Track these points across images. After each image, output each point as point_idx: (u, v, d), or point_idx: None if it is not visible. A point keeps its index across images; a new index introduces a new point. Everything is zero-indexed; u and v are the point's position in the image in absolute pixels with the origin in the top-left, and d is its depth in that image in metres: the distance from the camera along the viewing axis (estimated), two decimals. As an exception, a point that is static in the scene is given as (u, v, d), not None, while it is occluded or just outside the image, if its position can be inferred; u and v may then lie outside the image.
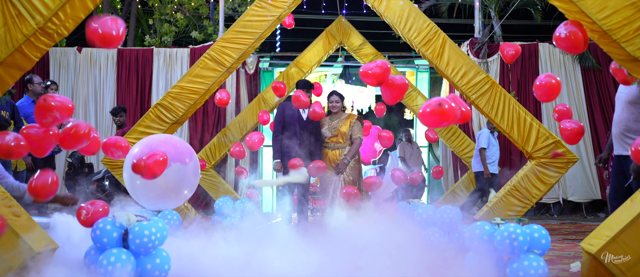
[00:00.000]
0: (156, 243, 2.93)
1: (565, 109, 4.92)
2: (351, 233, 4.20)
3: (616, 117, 4.21)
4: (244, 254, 3.11)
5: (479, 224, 3.26)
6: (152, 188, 4.48)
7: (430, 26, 5.78)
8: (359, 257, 3.23)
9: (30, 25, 3.08)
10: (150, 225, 2.94)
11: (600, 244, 2.87)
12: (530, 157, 5.61)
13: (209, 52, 5.96)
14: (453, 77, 5.72)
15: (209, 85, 5.99)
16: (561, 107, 5.02)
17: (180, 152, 4.87)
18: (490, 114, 5.64)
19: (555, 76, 3.71)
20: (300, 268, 3.03)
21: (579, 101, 8.81)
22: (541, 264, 3.03)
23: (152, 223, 2.96)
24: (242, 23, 5.90)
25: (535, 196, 5.52)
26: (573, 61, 8.85)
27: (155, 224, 2.95)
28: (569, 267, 3.76)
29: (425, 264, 3.56)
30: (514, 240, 3.00)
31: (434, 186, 10.74)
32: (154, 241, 2.90)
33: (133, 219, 2.99)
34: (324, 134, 5.70)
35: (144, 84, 9.28)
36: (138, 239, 2.88)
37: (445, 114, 3.09)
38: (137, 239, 2.88)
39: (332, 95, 5.78)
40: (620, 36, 2.88)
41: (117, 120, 6.78)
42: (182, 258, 3.24)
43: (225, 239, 3.35)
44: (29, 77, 6.24)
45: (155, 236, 2.90)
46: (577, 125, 4.28)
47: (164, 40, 10.15)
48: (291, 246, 3.49)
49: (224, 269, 2.93)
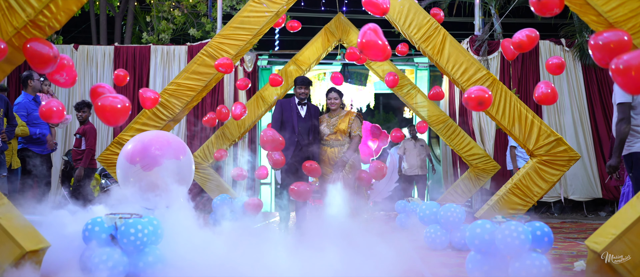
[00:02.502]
0: (145, 240, 2.85)
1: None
2: (349, 235, 4.13)
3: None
4: (238, 254, 3.03)
5: (480, 222, 3.18)
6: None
7: (430, 22, 5.71)
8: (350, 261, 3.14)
9: (21, 17, 3.01)
10: (137, 223, 2.86)
11: (606, 242, 2.79)
12: (532, 155, 5.53)
13: (206, 49, 5.88)
14: (453, 74, 5.64)
15: (206, 82, 5.91)
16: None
17: (174, 148, 4.80)
18: (491, 111, 5.56)
19: (551, 84, 3.81)
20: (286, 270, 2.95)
21: (579, 99, 8.74)
22: (544, 262, 2.95)
23: (140, 221, 2.88)
24: (239, 19, 5.82)
25: (536, 194, 5.45)
26: (574, 58, 8.78)
27: (145, 222, 2.87)
28: (573, 266, 3.68)
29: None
30: (516, 238, 2.93)
31: (434, 183, 10.68)
32: (142, 238, 2.82)
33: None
34: (322, 131, 5.62)
35: (141, 81, 9.19)
36: (125, 237, 2.81)
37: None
38: (124, 237, 2.81)
39: (331, 92, 5.69)
40: (626, 29, 2.81)
41: (79, 115, 6.71)
42: (176, 257, 3.16)
43: (219, 238, 3.26)
44: (29, 74, 6.15)
45: (143, 233, 2.83)
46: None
47: (162, 38, 10.07)
48: (282, 247, 3.41)
49: (215, 269, 2.85)
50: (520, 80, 8.84)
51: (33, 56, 3.03)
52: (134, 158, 4.67)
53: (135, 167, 4.62)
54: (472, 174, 8.31)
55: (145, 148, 4.72)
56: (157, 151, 4.69)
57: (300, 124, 5.54)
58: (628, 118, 3.93)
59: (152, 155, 4.69)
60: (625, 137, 3.93)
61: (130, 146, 4.82)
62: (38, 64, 3.07)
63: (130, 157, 4.72)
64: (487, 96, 4.10)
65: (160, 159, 4.70)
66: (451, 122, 8.43)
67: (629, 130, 3.93)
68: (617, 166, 4.06)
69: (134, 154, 4.69)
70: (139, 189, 3.73)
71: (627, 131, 3.92)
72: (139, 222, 2.88)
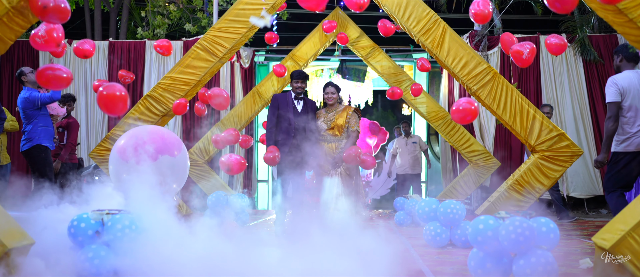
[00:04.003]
0: (132, 237, 2.72)
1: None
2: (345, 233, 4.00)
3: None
4: (229, 253, 2.90)
5: (482, 218, 3.04)
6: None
7: (429, 15, 5.58)
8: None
9: (3, 4, 2.87)
10: (124, 218, 2.73)
11: (614, 238, 2.67)
12: (533, 151, 5.41)
13: (201, 42, 5.75)
14: (453, 68, 5.52)
15: (201, 77, 5.78)
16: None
17: (168, 144, 4.68)
18: (492, 106, 5.44)
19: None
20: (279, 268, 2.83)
21: (580, 95, 8.62)
22: (550, 260, 2.82)
23: (125, 217, 2.75)
24: (235, 12, 5.69)
25: (538, 190, 5.33)
26: (575, 54, 8.66)
27: (132, 218, 2.75)
28: (578, 264, 3.56)
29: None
30: (521, 234, 2.80)
31: (434, 182, 10.57)
32: (129, 234, 2.70)
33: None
34: (319, 126, 5.48)
35: (136, 77, 9.05)
36: (112, 233, 2.68)
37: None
38: (111, 233, 2.68)
39: (328, 87, 5.55)
40: (637, 15, 2.68)
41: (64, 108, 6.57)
42: (165, 255, 3.03)
43: (211, 236, 3.14)
44: (20, 71, 5.83)
45: (131, 229, 2.70)
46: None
47: (157, 33, 9.92)
48: (276, 246, 3.29)
49: (204, 267, 2.73)
50: (520, 75, 8.72)
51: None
52: (127, 153, 4.56)
53: (129, 163, 4.50)
54: (472, 171, 8.19)
55: (138, 144, 4.60)
56: (151, 146, 4.58)
57: (297, 118, 5.40)
58: (616, 116, 4.19)
59: (146, 149, 4.57)
60: (613, 134, 4.21)
61: (123, 141, 4.70)
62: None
63: (123, 152, 4.60)
64: (473, 108, 4.18)
65: (155, 155, 4.59)
66: (450, 118, 8.31)
67: (616, 128, 4.21)
68: (603, 161, 4.32)
69: (127, 150, 4.57)
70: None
71: (615, 128, 4.20)
72: (126, 218, 2.76)
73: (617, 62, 4.39)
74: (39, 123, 5.44)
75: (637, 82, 4.19)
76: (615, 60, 4.43)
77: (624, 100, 4.18)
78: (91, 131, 9.03)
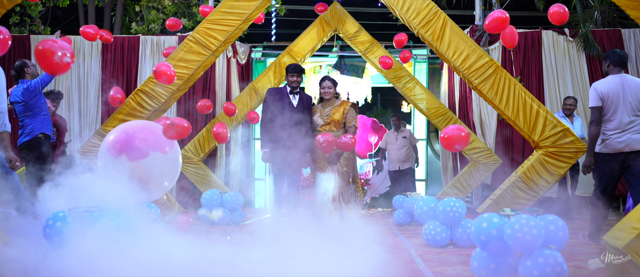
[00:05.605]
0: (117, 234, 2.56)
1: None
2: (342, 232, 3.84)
3: None
4: (217, 252, 2.74)
5: (486, 216, 2.86)
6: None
7: (429, 6, 5.41)
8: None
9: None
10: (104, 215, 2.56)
11: (628, 238, 2.50)
12: (537, 147, 5.24)
13: (194, 35, 5.57)
14: (454, 61, 5.35)
15: (194, 70, 5.61)
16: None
17: (160, 141, 4.51)
18: (494, 100, 5.27)
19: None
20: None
21: (583, 90, 8.44)
22: (559, 260, 2.64)
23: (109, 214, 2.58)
24: (228, 3, 5.52)
25: (542, 187, 5.16)
26: (578, 49, 8.48)
27: (115, 215, 2.58)
28: (587, 264, 3.39)
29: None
30: (528, 233, 2.62)
31: (434, 180, 10.40)
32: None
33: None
34: (315, 121, 5.29)
35: (130, 73, 8.88)
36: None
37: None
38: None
39: (324, 81, 5.35)
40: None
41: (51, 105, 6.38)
42: (153, 253, 2.86)
43: (203, 235, 2.97)
44: (21, 62, 5.46)
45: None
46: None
47: (152, 28, 9.74)
48: (271, 244, 3.12)
49: (194, 267, 2.56)
50: (522, 70, 8.54)
51: None
52: (116, 149, 4.39)
53: (119, 158, 4.34)
54: (473, 169, 8.02)
55: (128, 139, 4.43)
56: (141, 143, 4.41)
57: (292, 113, 5.22)
58: (598, 120, 4.38)
59: (136, 146, 4.40)
60: (595, 138, 4.39)
61: (113, 136, 4.53)
62: None
63: (112, 148, 4.43)
64: (463, 135, 3.55)
65: (146, 151, 4.42)
66: (451, 115, 8.14)
67: (598, 132, 4.39)
68: (590, 165, 4.48)
69: (116, 145, 4.40)
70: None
71: (597, 132, 4.39)
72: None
73: (605, 68, 4.59)
74: (41, 111, 5.16)
75: (619, 86, 4.36)
76: (604, 65, 4.62)
77: (604, 104, 4.39)
78: (84, 127, 8.84)
